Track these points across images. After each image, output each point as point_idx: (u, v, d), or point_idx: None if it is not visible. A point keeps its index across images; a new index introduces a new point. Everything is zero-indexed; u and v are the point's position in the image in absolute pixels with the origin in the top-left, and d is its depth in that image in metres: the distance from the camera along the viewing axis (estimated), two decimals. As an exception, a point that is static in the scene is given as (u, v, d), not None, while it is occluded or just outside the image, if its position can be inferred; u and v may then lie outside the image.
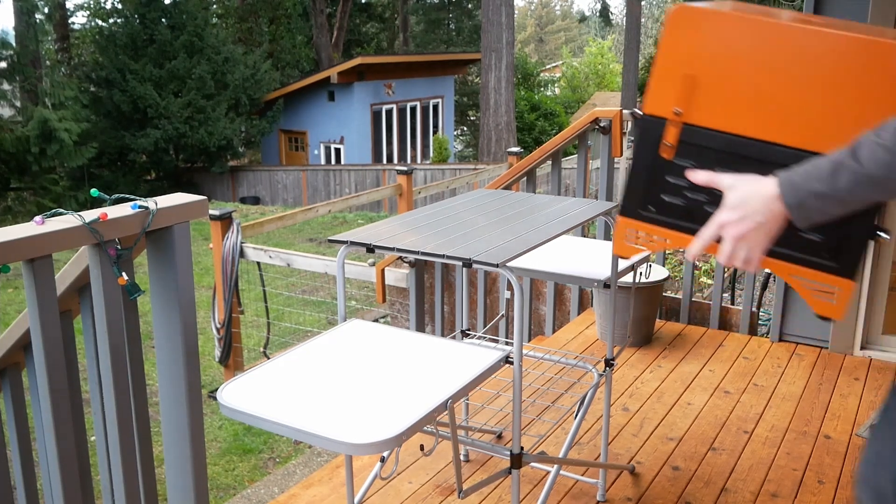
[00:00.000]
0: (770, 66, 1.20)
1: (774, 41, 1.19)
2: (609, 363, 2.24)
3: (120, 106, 17.64)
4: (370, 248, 1.73)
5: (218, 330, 5.49)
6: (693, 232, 1.27)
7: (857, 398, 2.94)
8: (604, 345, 3.49)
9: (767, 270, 4.85)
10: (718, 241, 1.17)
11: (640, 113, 1.35)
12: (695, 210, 1.30)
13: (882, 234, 1.23)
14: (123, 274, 1.46)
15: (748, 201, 1.15)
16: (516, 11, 26.83)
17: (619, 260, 2.17)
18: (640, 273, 2.47)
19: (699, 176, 1.20)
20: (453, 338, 2.43)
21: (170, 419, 1.60)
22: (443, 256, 1.61)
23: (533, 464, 2.43)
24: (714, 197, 1.24)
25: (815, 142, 1.20)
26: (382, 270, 4.58)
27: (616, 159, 3.83)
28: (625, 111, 3.68)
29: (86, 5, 25.06)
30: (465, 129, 27.87)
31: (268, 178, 18.46)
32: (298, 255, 5.31)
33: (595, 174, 7.03)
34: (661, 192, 1.34)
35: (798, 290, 1.27)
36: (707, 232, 1.19)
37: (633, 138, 3.90)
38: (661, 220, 1.36)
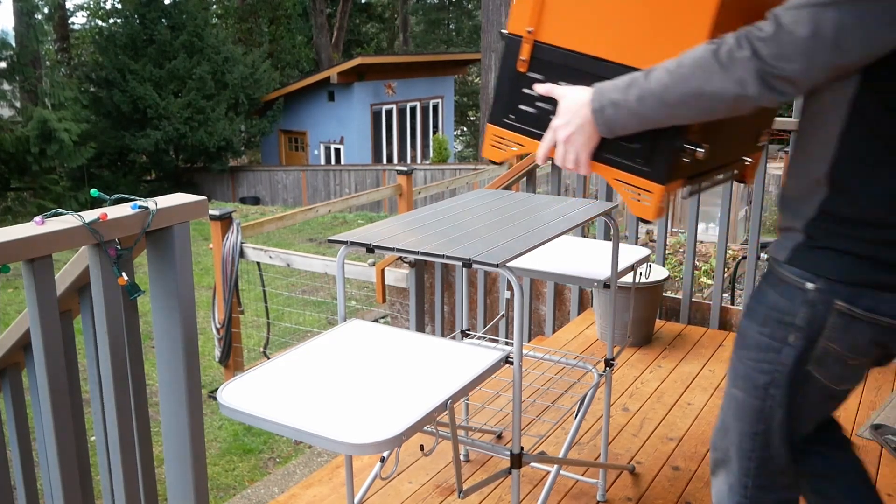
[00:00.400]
0: None
1: None
2: (609, 363, 2.24)
3: (120, 106, 17.64)
4: (370, 249, 1.73)
5: (218, 330, 5.49)
6: (541, 137, 1.46)
7: (856, 398, 2.94)
8: (604, 345, 3.49)
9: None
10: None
11: (505, 32, 1.51)
12: (543, 118, 1.47)
13: (691, 147, 1.37)
14: (123, 274, 1.46)
15: (571, 108, 1.34)
16: (516, 11, 26.76)
17: (619, 260, 2.17)
18: (640, 273, 2.47)
19: (541, 88, 1.43)
20: (453, 338, 2.43)
21: (170, 419, 1.60)
22: (443, 256, 1.61)
23: (533, 464, 2.43)
24: (556, 106, 1.42)
25: (637, 58, 1.35)
26: (382, 270, 4.59)
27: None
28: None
29: (86, 5, 25.09)
30: (465, 129, 27.88)
31: (268, 178, 18.46)
32: (298, 255, 5.32)
33: (595, 174, 7.03)
34: (519, 103, 1.51)
35: (620, 193, 1.44)
36: (546, 136, 1.40)
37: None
38: (519, 128, 1.53)
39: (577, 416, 2.12)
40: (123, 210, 1.46)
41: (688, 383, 3.10)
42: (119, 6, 20.59)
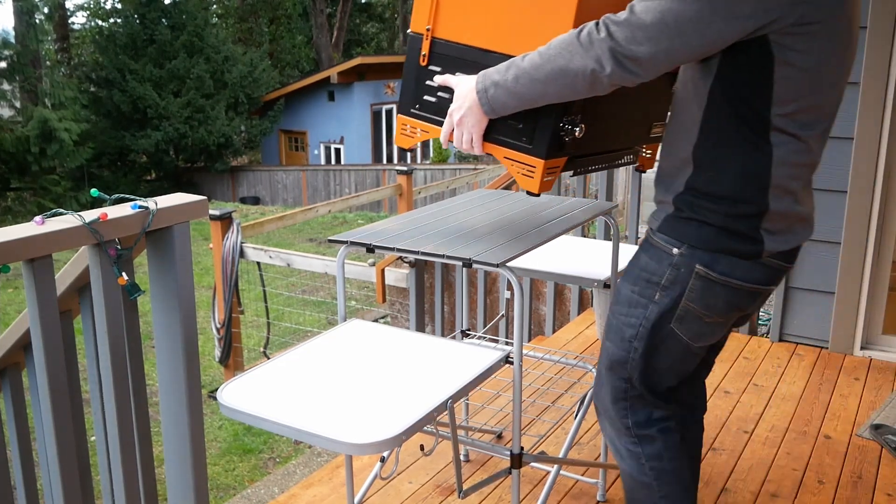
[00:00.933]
0: None
1: None
2: (609, 363, 2.24)
3: (120, 106, 17.64)
4: (370, 248, 1.73)
5: (218, 330, 5.49)
6: (441, 124, 1.62)
7: (857, 398, 2.94)
8: (604, 345, 3.49)
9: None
10: None
11: (410, 31, 1.68)
12: (444, 106, 1.62)
13: (570, 126, 1.52)
14: (123, 274, 1.46)
15: (462, 93, 1.50)
16: (516, 11, 26.78)
17: (619, 260, 2.17)
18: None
19: (438, 78, 1.59)
20: (453, 338, 2.43)
21: (170, 419, 1.60)
22: (443, 256, 1.61)
23: (533, 464, 2.43)
24: (453, 94, 1.58)
25: (517, 47, 1.51)
26: (382, 270, 4.59)
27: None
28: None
29: (86, 5, 25.08)
30: (465, 129, 27.83)
31: (268, 178, 18.45)
32: (298, 255, 5.31)
33: (595, 174, 7.04)
34: (423, 94, 1.68)
35: (510, 171, 1.57)
36: (446, 122, 1.54)
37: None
38: (424, 116, 1.69)
39: (577, 416, 2.12)
40: (123, 210, 1.46)
41: (688, 383, 3.10)
42: (119, 6, 20.59)
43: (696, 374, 1.74)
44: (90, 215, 1.40)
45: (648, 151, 1.88)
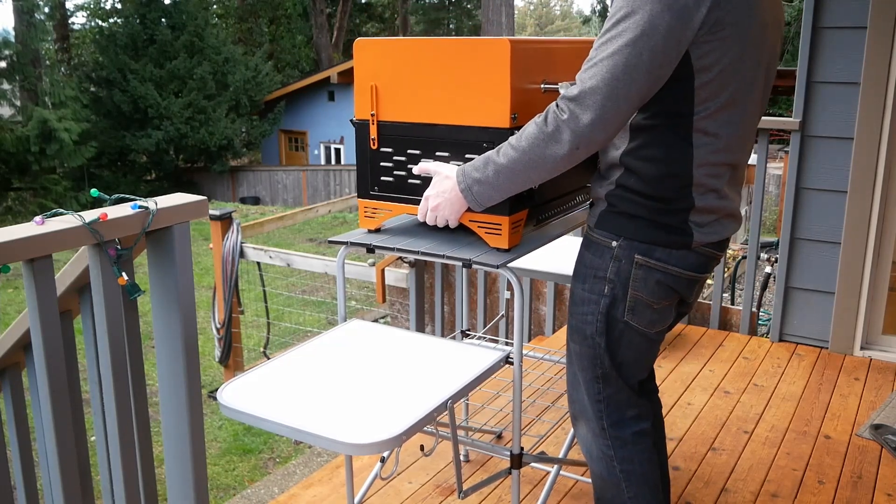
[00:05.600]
0: (416, 70, 1.66)
1: (415, 53, 1.65)
2: (609, 363, 2.24)
3: (120, 106, 17.63)
4: (370, 249, 1.73)
5: (218, 330, 5.49)
6: (404, 201, 1.75)
7: (857, 398, 2.94)
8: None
9: (768, 270, 4.86)
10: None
11: (354, 120, 1.78)
12: (402, 185, 1.74)
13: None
14: (123, 274, 1.46)
15: (442, 184, 1.60)
16: (516, 11, 26.82)
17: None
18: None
19: (417, 168, 1.66)
20: (453, 338, 2.43)
21: (170, 419, 1.60)
22: (443, 256, 1.62)
23: (533, 464, 2.43)
24: (409, 173, 1.72)
25: (456, 117, 1.63)
26: (382, 270, 4.59)
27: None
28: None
29: (86, 5, 25.07)
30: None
31: (268, 178, 18.45)
32: (298, 255, 5.31)
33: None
34: (380, 175, 1.77)
35: (476, 231, 1.66)
36: (422, 205, 1.64)
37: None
38: (385, 196, 1.78)
39: (577, 416, 2.11)
40: (123, 210, 1.46)
41: (688, 383, 3.10)
42: (119, 6, 20.59)
43: None
44: (90, 215, 1.40)
45: None
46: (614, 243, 1.57)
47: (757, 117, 1.59)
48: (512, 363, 1.60)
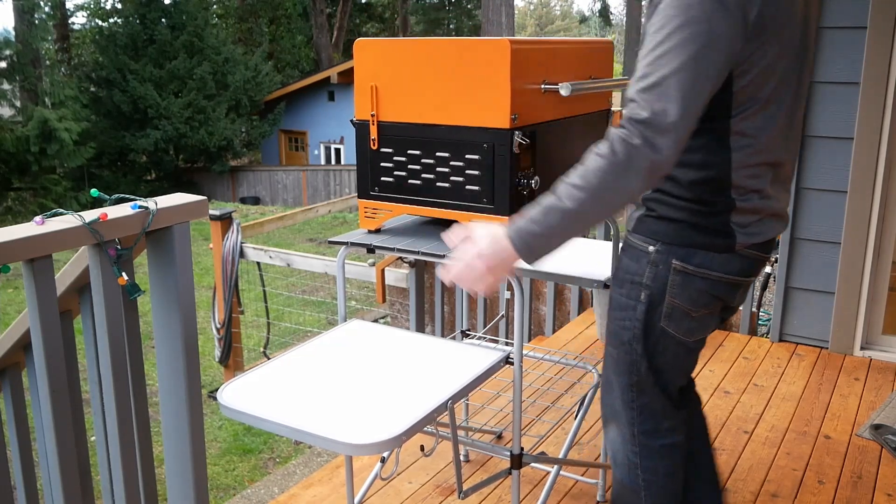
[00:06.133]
0: (416, 70, 1.65)
1: (415, 54, 1.65)
2: (609, 363, 2.24)
3: (120, 106, 17.63)
4: (370, 249, 1.74)
5: (218, 330, 5.49)
6: (404, 201, 1.76)
7: (857, 398, 2.94)
8: (603, 345, 3.49)
9: (768, 270, 4.85)
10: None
11: (354, 120, 1.77)
12: (402, 185, 1.74)
13: (526, 180, 1.63)
14: (123, 274, 1.46)
15: (490, 246, 1.39)
16: (516, 11, 26.82)
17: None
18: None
19: (453, 236, 1.46)
20: (453, 338, 2.43)
21: (170, 419, 1.60)
22: (443, 257, 1.61)
23: (533, 464, 2.43)
24: (410, 172, 1.72)
25: (456, 117, 1.63)
26: (382, 270, 4.59)
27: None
28: (624, 111, 3.68)
29: (86, 5, 25.06)
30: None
31: (268, 178, 18.45)
32: (298, 255, 5.31)
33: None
34: (379, 176, 1.77)
35: None
36: (460, 267, 1.42)
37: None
38: (385, 196, 1.78)
39: (577, 416, 2.12)
40: (123, 210, 1.46)
41: (688, 383, 3.10)
42: (119, 6, 20.57)
43: None
44: (90, 215, 1.40)
45: None
46: (651, 248, 1.51)
47: (799, 112, 1.53)
48: (512, 363, 1.60)
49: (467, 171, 1.64)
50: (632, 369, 1.61)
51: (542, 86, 1.67)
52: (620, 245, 1.65)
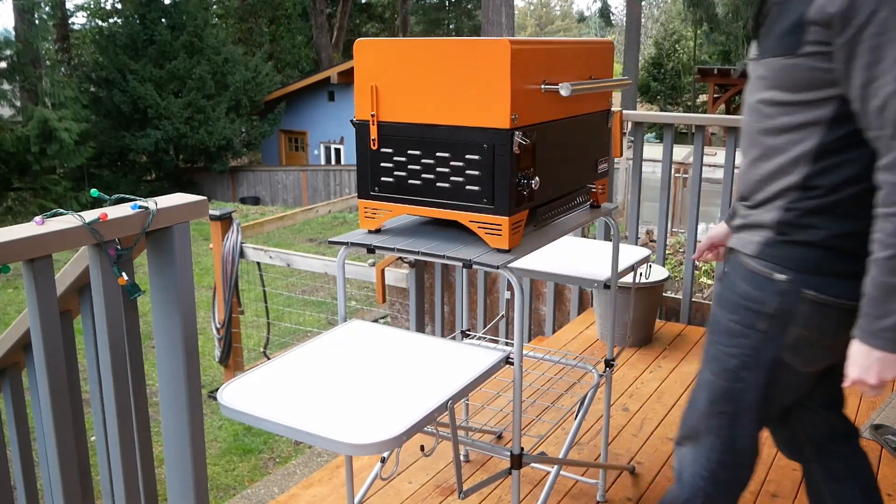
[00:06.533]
0: (416, 71, 1.65)
1: (415, 54, 1.64)
2: (609, 363, 2.24)
3: (120, 106, 17.63)
4: (370, 249, 1.74)
5: (218, 330, 5.49)
6: (404, 202, 1.73)
7: (857, 398, 2.94)
8: (604, 345, 3.49)
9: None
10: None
11: (354, 120, 1.77)
12: (402, 185, 1.73)
13: (526, 181, 1.62)
14: (123, 274, 1.46)
15: (872, 366, 1.32)
16: (516, 11, 26.81)
17: (619, 260, 2.17)
18: (640, 273, 2.47)
19: (848, 379, 1.36)
20: (453, 338, 2.43)
21: (170, 419, 1.60)
22: (443, 257, 1.61)
23: (533, 464, 2.43)
24: (410, 172, 1.70)
25: (456, 117, 1.63)
26: (382, 270, 4.59)
27: (616, 159, 3.82)
28: (625, 111, 3.68)
29: (86, 5, 25.06)
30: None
31: (268, 178, 18.45)
32: (298, 255, 5.31)
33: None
34: (380, 176, 1.76)
35: (476, 231, 1.65)
36: (861, 386, 1.35)
37: (632, 138, 3.90)
38: (384, 197, 1.77)
39: (577, 416, 2.12)
40: (123, 210, 1.46)
41: (688, 383, 3.10)
42: (119, 6, 20.58)
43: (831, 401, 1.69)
44: (90, 215, 1.40)
45: (599, 187, 2.01)
46: (782, 276, 1.39)
47: None
48: (512, 363, 1.60)
49: (467, 172, 1.64)
50: (728, 398, 1.52)
51: (543, 86, 1.67)
52: (727, 264, 1.55)
